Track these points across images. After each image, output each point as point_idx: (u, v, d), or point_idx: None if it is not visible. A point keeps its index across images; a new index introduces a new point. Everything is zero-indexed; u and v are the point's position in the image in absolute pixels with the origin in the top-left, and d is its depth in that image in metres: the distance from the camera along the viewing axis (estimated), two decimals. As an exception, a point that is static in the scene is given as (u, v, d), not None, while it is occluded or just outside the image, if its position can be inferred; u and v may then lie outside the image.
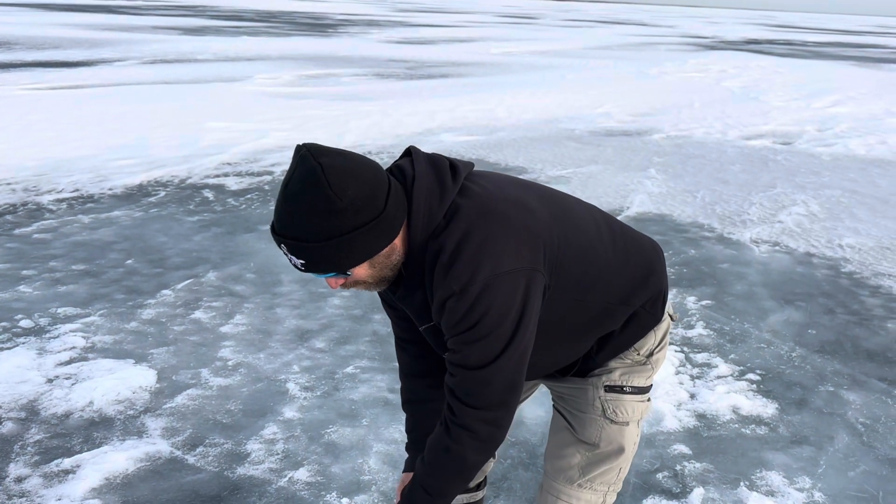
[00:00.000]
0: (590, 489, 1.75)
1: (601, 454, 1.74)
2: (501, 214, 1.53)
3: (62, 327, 4.09)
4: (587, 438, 1.73)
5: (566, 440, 1.77)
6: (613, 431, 1.73)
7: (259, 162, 8.31)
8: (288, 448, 2.97)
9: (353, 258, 1.49)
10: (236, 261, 5.19)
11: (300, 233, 1.46)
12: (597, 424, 1.72)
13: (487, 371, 1.52)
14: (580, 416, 1.75)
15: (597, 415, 1.72)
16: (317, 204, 1.43)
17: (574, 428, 1.76)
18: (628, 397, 1.73)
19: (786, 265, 4.98)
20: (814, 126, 9.87)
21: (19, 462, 2.92)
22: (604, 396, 1.72)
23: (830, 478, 2.77)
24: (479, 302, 1.47)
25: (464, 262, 1.47)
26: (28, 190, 7.24)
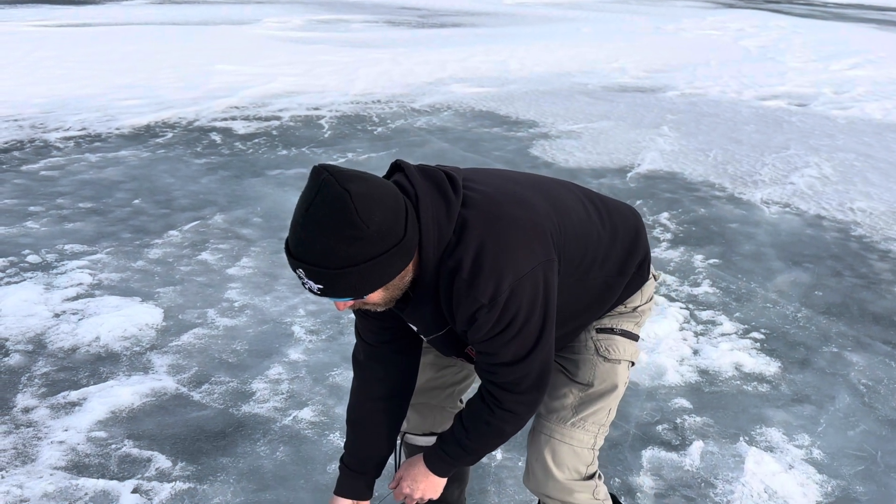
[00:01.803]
0: (582, 428, 1.79)
1: (594, 393, 1.79)
2: (509, 218, 1.57)
3: (69, 263, 4.11)
4: (581, 378, 1.79)
5: (559, 381, 1.81)
6: (606, 369, 1.78)
7: (267, 107, 8.23)
8: (292, 388, 3.00)
9: (374, 283, 1.49)
10: (243, 204, 5.17)
11: (322, 259, 1.43)
12: (590, 363, 1.78)
13: (525, 363, 1.60)
14: (573, 359, 1.80)
15: (590, 354, 1.78)
16: (343, 231, 1.40)
17: (567, 369, 1.81)
18: (618, 337, 1.80)
19: (795, 227, 4.94)
20: (830, 88, 9.71)
21: (26, 393, 2.95)
22: (596, 337, 1.79)
23: (830, 436, 2.79)
24: (508, 307, 1.53)
25: (486, 274, 1.50)
26: (35, 127, 7.19)
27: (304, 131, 7.27)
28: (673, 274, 4.16)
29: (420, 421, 2.06)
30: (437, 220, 1.52)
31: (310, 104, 8.40)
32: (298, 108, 8.18)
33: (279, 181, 5.72)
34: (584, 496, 1.81)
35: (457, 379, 2.04)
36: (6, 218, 4.80)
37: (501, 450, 2.66)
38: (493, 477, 2.53)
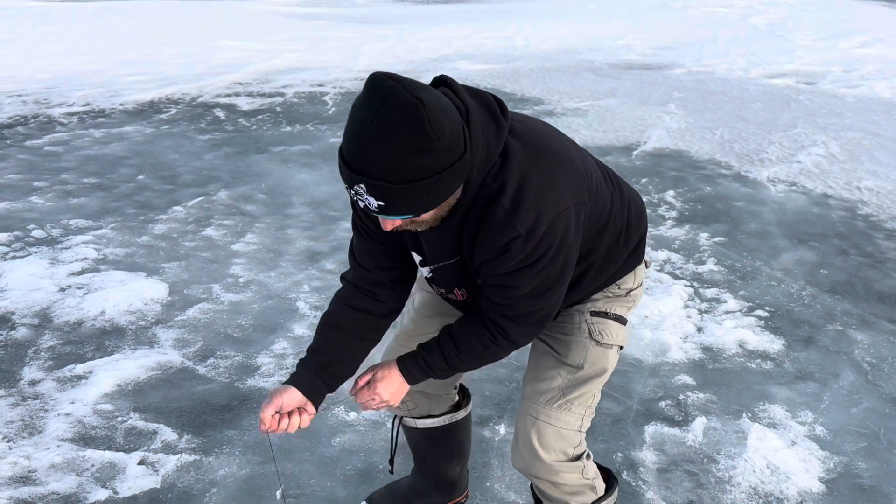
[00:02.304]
0: (568, 411, 1.76)
1: (583, 376, 1.77)
2: (552, 152, 1.55)
3: (74, 238, 4.11)
4: (572, 360, 1.76)
5: (549, 363, 1.79)
6: (598, 353, 1.77)
7: (271, 83, 8.18)
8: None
9: (435, 200, 1.41)
10: (247, 181, 5.17)
11: (388, 173, 1.33)
12: (582, 346, 1.76)
13: (543, 297, 1.59)
14: (565, 339, 1.78)
15: (583, 337, 1.76)
16: (414, 142, 1.31)
17: (557, 351, 1.78)
18: (612, 322, 1.78)
19: (801, 205, 4.92)
20: (839, 67, 9.61)
21: (33, 366, 2.97)
22: (590, 320, 1.77)
23: (833, 413, 2.79)
24: (542, 241, 1.50)
25: (528, 205, 1.47)
26: (39, 102, 7.18)
27: (308, 108, 7.24)
28: (678, 252, 4.15)
29: (414, 406, 2.03)
30: (486, 139, 1.46)
31: (314, 80, 8.35)
32: (302, 84, 8.14)
33: (283, 158, 5.71)
34: (572, 476, 1.80)
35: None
36: (11, 193, 4.81)
37: (504, 424, 2.67)
38: (496, 451, 2.54)
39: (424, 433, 2.07)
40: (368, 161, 1.34)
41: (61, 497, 2.29)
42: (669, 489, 2.39)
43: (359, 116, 1.34)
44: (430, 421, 2.05)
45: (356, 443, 2.56)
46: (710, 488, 2.40)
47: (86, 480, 2.36)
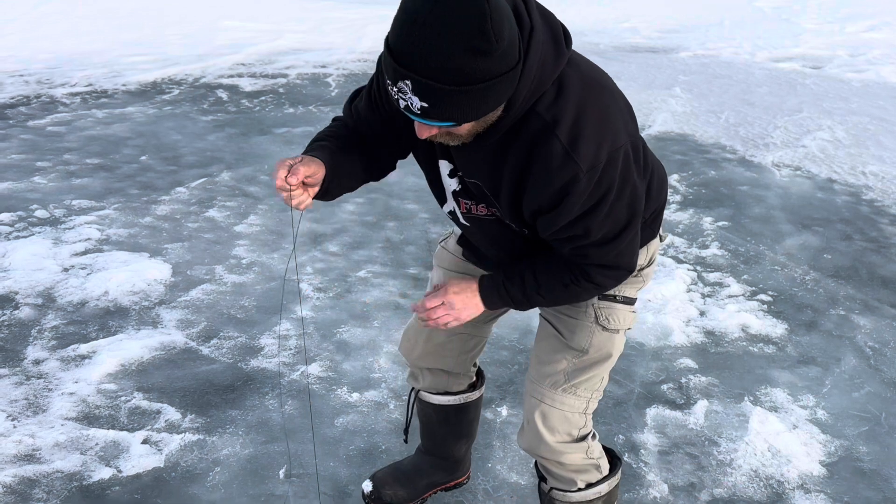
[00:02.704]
0: (573, 394, 1.75)
1: (588, 360, 1.73)
2: (608, 87, 1.47)
3: (77, 219, 4.11)
4: (577, 344, 1.72)
5: (554, 346, 1.76)
6: (604, 338, 1.72)
7: (273, 64, 8.15)
8: (300, 344, 3.02)
9: (481, 109, 1.29)
10: (250, 162, 5.15)
11: (439, 72, 1.21)
12: (588, 331, 1.71)
13: (616, 241, 1.50)
14: (571, 322, 1.73)
15: (589, 321, 1.71)
16: (472, 41, 1.19)
17: (563, 334, 1.75)
18: (620, 306, 1.72)
19: (806, 190, 4.90)
20: (846, 51, 9.54)
21: (37, 346, 2.98)
22: (597, 304, 1.71)
23: (834, 397, 2.79)
24: (604, 178, 1.41)
25: (587, 138, 1.37)
26: (41, 82, 7.15)
27: (311, 89, 7.21)
28: (681, 236, 4.14)
29: (434, 382, 2.04)
30: (543, 62, 1.34)
31: (317, 62, 8.31)
32: (305, 65, 8.11)
33: (286, 139, 5.69)
34: (577, 456, 1.80)
35: (468, 347, 1.99)
36: (14, 173, 4.80)
37: (507, 406, 2.68)
38: (498, 433, 2.55)
39: (438, 409, 2.08)
40: (419, 56, 1.21)
41: (65, 475, 2.30)
42: (670, 471, 2.40)
43: (414, 5, 1.21)
44: (446, 398, 2.06)
45: (359, 424, 2.57)
46: (710, 471, 2.41)
47: (90, 459, 2.37)
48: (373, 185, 4.79)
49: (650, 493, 2.30)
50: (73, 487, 2.26)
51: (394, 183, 4.84)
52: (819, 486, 2.36)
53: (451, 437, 2.16)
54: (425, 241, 4.01)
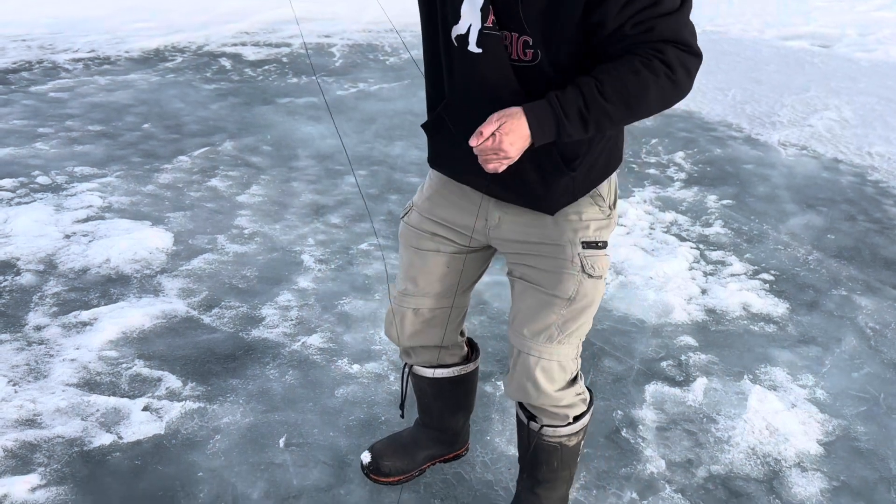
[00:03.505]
0: (567, 344, 1.80)
1: (577, 308, 1.76)
2: None
3: (79, 186, 4.10)
4: (564, 294, 1.73)
5: (541, 302, 1.76)
6: (589, 286, 1.74)
7: (277, 33, 8.08)
8: (302, 315, 3.02)
9: None
10: (253, 132, 5.13)
11: None
12: (574, 280, 1.73)
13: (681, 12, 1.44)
14: (553, 274, 1.74)
15: (576, 271, 1.72)
16: None
17: (546, 288, 1.75)
18: (601, 253, 1.75)
19: (811, 169, 4.88)
20: (855, 30, 9.44)
21: (38, 312, 2.99)
22: (583, 253, 1.72)
23: (834, 377, 2.80)
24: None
25: None
26: (44, 48, 7.10)
27: (315, 59, 7.15)
28: (685, 213, 4.12)
29: (427, 357, 2.05)
30: None
31: (321, 31, 8.24)
32: (309, 35, 8.03)
33: (289, 109, 5.65)
34: (570, 396, 1.87)
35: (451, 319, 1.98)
36: (16, 139, 4.78)
37: (507, 380, 2.68)
38: (497, 406, 2.56)
39: (433, 382, 2.09)
40: None
41: (66, 440, 2.32)
42: (668, 447, 2.41)
43: None
44: (441, 371, 2.07)
45: (359, 395, 2.58)
46: (708, 447, 2.42)
47: (90, 425, 2.39)
48: (376, 157, 4.78)
49: (647, 469, 2.31)
50: (73, 452, 2.27)
51: (396, 156, 4.82)
52: (816, 464, 2.37)
53: (447, 410, 2.18)
54: (428, 215, 3.99)
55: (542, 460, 1.96)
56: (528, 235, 1.75)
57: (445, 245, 1.86)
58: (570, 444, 1.94)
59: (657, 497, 2.21)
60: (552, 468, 1.97)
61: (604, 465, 2.32)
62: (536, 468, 1.99)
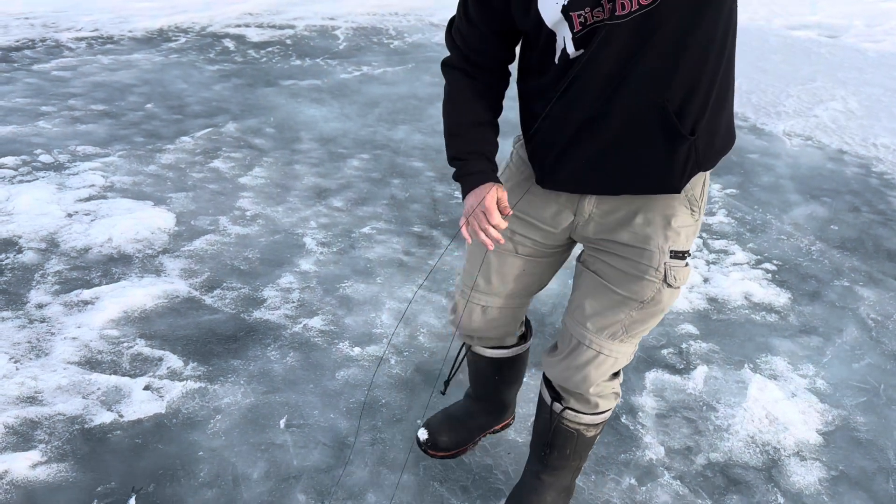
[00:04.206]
0: (628, 343, 1.78)
1: (648, 313, 1.72)
2: None
3: (81, 165, 4.09)
4: (639, 297, 1.68)
5: (612, 300, 1.72)
6: (667, 295, 1.70)
7: (281, 14, 8.03)
8: (303, 297, 3.02)
9: None
10: (256, 114, 5.11)
11: None
12: (653, 287, 1.67)
13: None
14: (633, 277, 1.68)
15: (658, 279, 1.67)
16: None
17: (621, 289, 1.70)
18: (684, 262, 1.69)
19: (816, 160, 4.86)
20: (862, 21, 9.38)
21: (40, 290, 2.99)
22: (669, 263, 1.66)
23: (834, 367, 2.80)
24: None
25: None
26: (47, 26, 7.06)
27: (319, 41, 7.12)
28: (688, 202, 4.11)
29: (491, 343, 2.07)
30: None
31: (325, 13, 8.19)
32: (314, 16, 7.99)
33: (292, 92, 5.63)
34: (609, 386, 1.87)
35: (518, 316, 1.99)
36: (18, 117, 4.77)
37: (507, 365, 2.68)
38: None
39: (492, 361, 2.11)
40: None
41: (67, 418, 2.32)
42: (667, 434, 2.41)
43: None
44: (500, 352, 2.09)
45: (360, 377, 2.58)
46: (707, 435, 2.42)
47: (91, 403, 2.39)
48: (379, 141, 4.76)
49: (646, 455, 2.32)
50: (74, 430, 2.28)
51: (400, 140, 4.80)
52: (815, 454, 2.37)
53: (502, 384, 2.22)
54: (430, 200, 3.99)
55: (557, 445, 1.96)
56: (615, 235, 1.68)
57: (524, 246, 1.80)
58: (587, 434, 1.93)
59: (656, 483, 2.21)
60: (564, 455, 1.97)
61: (603, 450, 2.33)
62: (549, 453, 1.98)
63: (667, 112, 1.49)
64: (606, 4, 1.42)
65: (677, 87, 1.47)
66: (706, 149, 1.58)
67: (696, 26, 1.42)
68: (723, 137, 1.63)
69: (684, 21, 1.41)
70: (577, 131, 1.55)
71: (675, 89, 1.47)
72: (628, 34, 1.42)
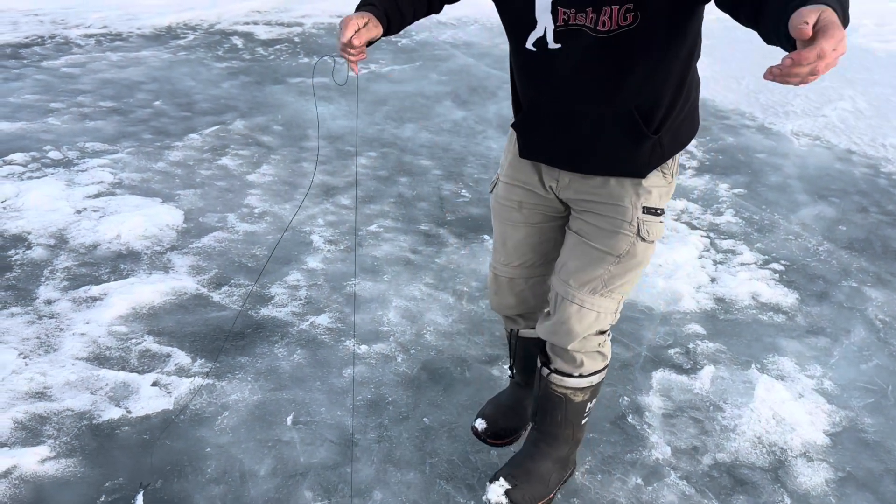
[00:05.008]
0: (609, 298, 1.87)
1: (625, 267, 1.84)
2: None
3: (90, 161, 4.11)
4: (615, 251, 1.82)
5: (592, 256, 1.85)
6: (641, 248, 1.83)
7: (289, 12, 8.04)
8: (311, 295, 3.03)
9: None
10: (264, 111, 5.12)
11: None
12: (628, 241, 1.81)
13: None
14: (609, 232, 1.82)
15: (632, 233, 1.81)
16: None
17: (603, 244, 1.83)
18: (657, 218, 1.83)
19: (824, 160, 4.84)
20: (872, 20, 9.34)
21: (49, 286, 3.00)
22: (642, 217, 1.80)
23: (842, 368, 2.79)
24: None
25: None
26: (56, 23, 7.09)
27: (327, 39, 7.12)
28: (696, 202, 4.10)
29: (529, 322, 2.17)
30: None
31: (333, 11, 8.20)
32: (321, 14, 8.00)
33: (300, 90, 5.64)
34: (592, 344, 1.95)
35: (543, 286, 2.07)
36: (28, 113, 4.79)
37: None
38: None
39: (538, 342, 2.15)
40: None
41: (76, 414, 2.34)
42: (674, 434, 2.41)
43: None
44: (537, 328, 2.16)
45: (366, 375, 2.59)
46: (714, 435, 2.42)
47: (100, 399, 2.40)
48: (386, 139, 4.77)
49: (653, 455, 2.32)
50: (83, 426, 2.29)
51: (407, 139, 4.80)
52: (822, 455, 2.37)
53: None
54: (437, 198, 3.99)
55: (548, 410, 2.05)
56: (592, 195, 1.83)
57: (531, 213, 1.95)
58: (575, 399, 2.02)
59: (662, 483, 2.21)
60: (556, 421, 2.06)
61: (609, 450, 2.33)
62: (542, 419, 2.08)
63: (634, 117, 1.67)
64: (590, 14, 1.55)
65: (645, 96, 1.65)
66: (670, 143, 1.76)
67: (667, 49, 1.59)
68: (687, 129, 1.80)
69: (657, 43, 1.57)
70: (553, 122, 1.76)
71: (643, 98, 1.65)
72: (605, 45, 1.57)
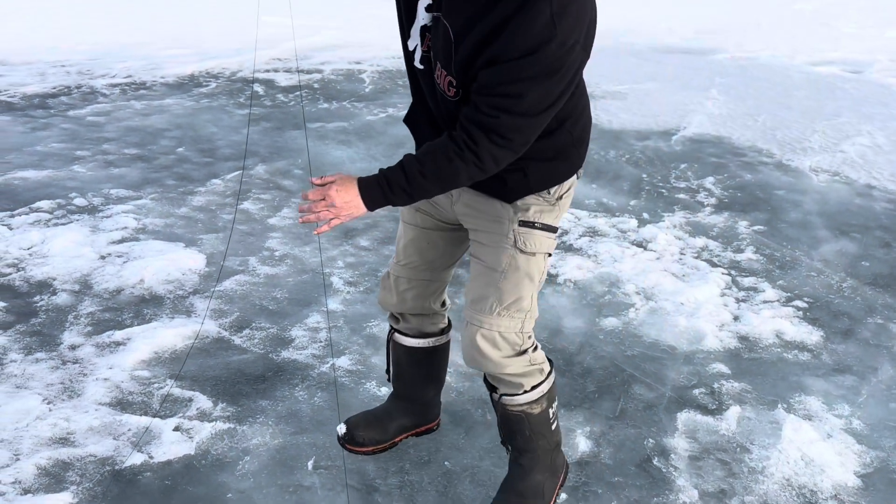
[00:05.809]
0: (507, 317, 1.91)
1: (513, 282, 1.89)
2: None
3: (115, 208, 4.18)
4: (498, 266, 1.88)
5: (485, 279, 1.91)
6: (524, 260, 1.88)
7: (309, 59, 8.21)
8: (331, 337, 3.04)
9: None
10: (284, 156, 5.20)
11: None
12: (507, 254, 1.87)
13: (535, 118, 1.60)
14: (493, 248, 1.89)
15: (509, 245, 1.87)
16: None
17: (488, 262, 1.90)
18: (538, 232, 1.88)
19: (844, 196, 4.82)
20: (886, 55, 9.35)
21: (73, 331, 3.03)
22: (518, 230, 1.87)
23: (871, 407, 2.74)
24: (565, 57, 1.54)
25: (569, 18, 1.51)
26: (82, 73, 7.28)
27: (346, 85, 7.25)
28: (716, 239, 4.09)
29: (412, 323, 2.22)
30: None
31: (352, 58, 8.36)
32: (340, 61, 8.15)
33: (320, 134, 5.73)
34: (519, 365, 1.97)
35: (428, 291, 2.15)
36: (54, 161, 4.89)
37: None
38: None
39: (411, 351, 2.26)
40: None
41: (98, 459, 2.34)
42: (700, 477, 2.37)
43: None
44: (418, 341, 2.24)
45: (387, 418, 2.57)
46: (742, 478, 2.37)
47: (122, 444, 2.41)
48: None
49: (680, 499, 2.27)
50: (105, 472, 2.29)
51: (426, 179, 4.84)
52: (853, 496, 2.31)
53: (419, 379, 2.34)
54: (456, 239, 4.00)
55: (513, 429, 2.07)
56: (479, 213, 1.91)
57: (425, 219, 2.05)
58: (533, 412, 2.03)
59: (690, 527, 2.17)
60: (525, 437, 2.07)
61: (635, 494, 2.29)
62: (512, 438, 2.10)
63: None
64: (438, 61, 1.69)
65: None
66: (538, 177, 1.83)
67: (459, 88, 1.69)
68: (559, 173, 1.87)
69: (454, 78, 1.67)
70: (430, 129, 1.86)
71: None
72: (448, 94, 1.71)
